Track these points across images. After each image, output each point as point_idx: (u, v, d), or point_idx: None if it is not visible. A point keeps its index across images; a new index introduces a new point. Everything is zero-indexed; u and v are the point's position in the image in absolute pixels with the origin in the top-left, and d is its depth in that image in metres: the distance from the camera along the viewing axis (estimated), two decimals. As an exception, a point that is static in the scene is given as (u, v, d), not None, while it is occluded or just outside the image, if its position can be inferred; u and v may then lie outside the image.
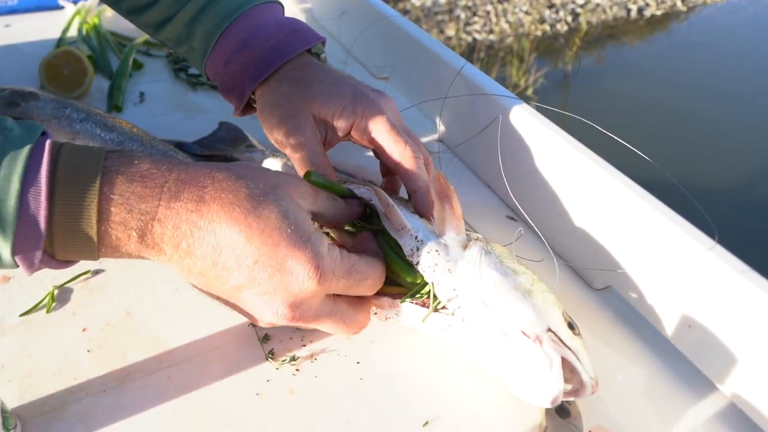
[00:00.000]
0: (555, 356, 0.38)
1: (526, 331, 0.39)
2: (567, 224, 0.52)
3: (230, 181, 0.38)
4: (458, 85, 0.63)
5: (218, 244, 0.37)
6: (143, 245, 0.36)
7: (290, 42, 0.53)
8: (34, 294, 0.50)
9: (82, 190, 0.34)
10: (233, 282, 0.37)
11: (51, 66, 0.76)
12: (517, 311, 0.40)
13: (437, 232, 0.45)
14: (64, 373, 0.44)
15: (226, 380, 0.43)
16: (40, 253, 0.34)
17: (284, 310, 0.38)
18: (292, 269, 0.37)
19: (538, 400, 0.38)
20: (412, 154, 0.48)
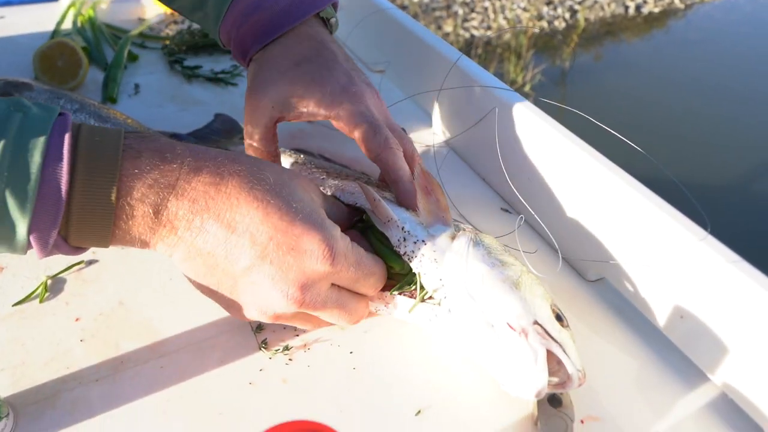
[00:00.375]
0: (540, 349, 0.38)
1: (512, 323, 0.39)
2: (561, 216, 0.52)
3: (248, 164, 0.38)
4: (454, 78, 0.63)
5: (234, 219, 0.37)
6: (157, 222, 0.36)
7: (299, 5, 0.52)
8: (27, 284, 0.50)
9: (104, 166, 0.34)
10: (244, 261, 0.37)
11: (45, 57, 0.76)
12: (503, 304, 0.40)
13: (424, 223, 0.45)
14: (57, 362, 0.44)
15: (219, 369, 0.43)
16: (56, 232, 0.34)
17: (295, 292, 0.38)
18: (306, 247, 0.37)
19: (523, 393, 0.38)
20: (390, 145, 0.48)
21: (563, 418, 0.39)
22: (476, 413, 0.41)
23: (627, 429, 0.40)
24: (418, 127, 0.72)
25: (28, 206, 0.32)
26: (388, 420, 0.40)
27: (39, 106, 0.35)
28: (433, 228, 0.44)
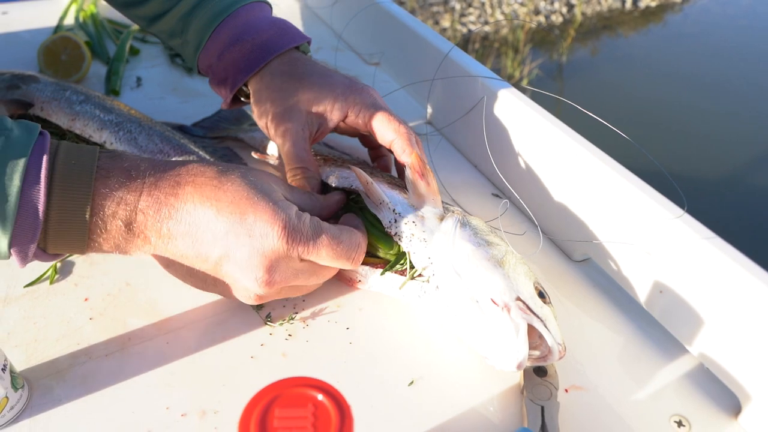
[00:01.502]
0: (521, 323, 0.40)
1: (495, 299, 0.41)
2: (548, 200, 0.54)
3: (202, 166, 0.41)
4: (446, 69, 0.65)
5: (194, 221, 0.39)
6: (130, 234, 0.39)
7: (280, 38, 0.55)
8: (37, 267, 0.52)
9: (78, 188, 0.37)
10: (213, 257, 0.40)
11: (49, 51, 0.78)
12: (487, 280, 0.42)
13: (414, 206, 0.47)
14: (68, 339, 0.46)
15: (221, 345, 0.46)
16: (34, 246, 0.37)
17: (263, 275, 0.40)
18: (261, 232, 0.39)
19: (505, 365, 0.40)
20: (405, 130, 0.50)
21: (548, 386, 0.42)
22: (466, 383, 0.43)
23: (609, 398, 0.43)
24: (412, 116, 0.74)
25: (9, 225, 0.35)
26: (384, 390, 0.43)
27: (20, 126, 0.37)
28: (422, 210, 0.46)
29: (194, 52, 0.58)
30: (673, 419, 0.42)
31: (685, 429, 0.41)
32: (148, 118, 0.65)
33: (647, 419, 0.42)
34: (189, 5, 0.57)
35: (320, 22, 0.98)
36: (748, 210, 2.27)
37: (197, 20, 0.57)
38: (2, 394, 0.39)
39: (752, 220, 2.22)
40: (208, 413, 0.41)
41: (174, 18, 0.58)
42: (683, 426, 0.41)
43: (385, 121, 0.52)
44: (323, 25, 0.97)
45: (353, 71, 0.84)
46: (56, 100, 0.63)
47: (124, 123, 0.62)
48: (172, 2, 0.58)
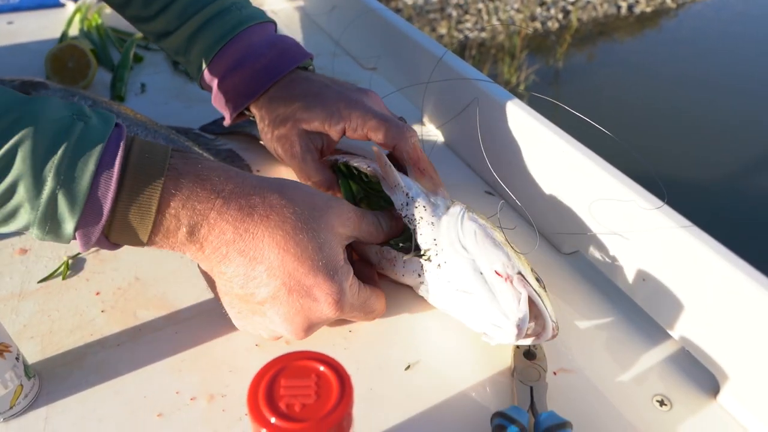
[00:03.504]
0: (523, 292, 0.42)
1: (499, 270, 0.44)
2: (539, 195, 0.57)
3: (279, 202, 0.41)
4: (440, 72, 0.68)
5: (255, 257, 0.40)
6: (189, 240, 0.40)
7: (279, 62, 0.58)
8: (50, 264, 0.55)
9: (149, 183, 0.38)
10: (259, 297, 0.41)
11: (56, 59, 0.81)
12: (492, 254, 0.45)
13: (427, 193, 0.50)
14: (81, 330, 0.48)
15: (228, 335, 0.48)
16: (99, 231, 0.38)
17: (299, 332, 0.42)
18: (317, 296, 0.41)
19: (505, 331, 0.42)
20: (405, 131, 0.53)
21: (537, 368, 0.44)
22: (460, 367, 0.46)
23: (595, 380, 0.45)
24: (408, 118, 0.76)
25: (78, 208, 0.36)
26: (382, 373, 0.45)
27: (98, 115, 0.38)
28: (434, 198, 0.49)
29: (197, 72, 0.61)
30: (655, 399, 0.44)
31: (666, 408, 0.43)
32: (153, 122, 0.68)
33: (631, 399, 0.44)
34: (195, 26, 0.60)
35: (318, 29, 1.01)
36: (728, 202, 2.36)
37: (201, 42, 0.59)
38: (17, 383, 0.41)
39: (732, 211, 2.30)
40: (216, 397, 0.43)
41: (180, 38, 0.61)
42: (665, 405, 0.44)
43: (381, 129, 0.54)
44: (321, 32, 1.00)
45: (350, 76, 0.86)
46: (66, 105, 0.65)
47: (132, 127, 0.64)
48: (180, 21, 0.61)
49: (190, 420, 0.42)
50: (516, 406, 0.40)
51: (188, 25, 0.60)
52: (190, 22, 0.60)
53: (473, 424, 0.42)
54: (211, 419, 0.42)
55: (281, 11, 1.08)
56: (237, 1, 0.61)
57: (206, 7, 0.60)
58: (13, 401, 0.41)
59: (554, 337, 0.43)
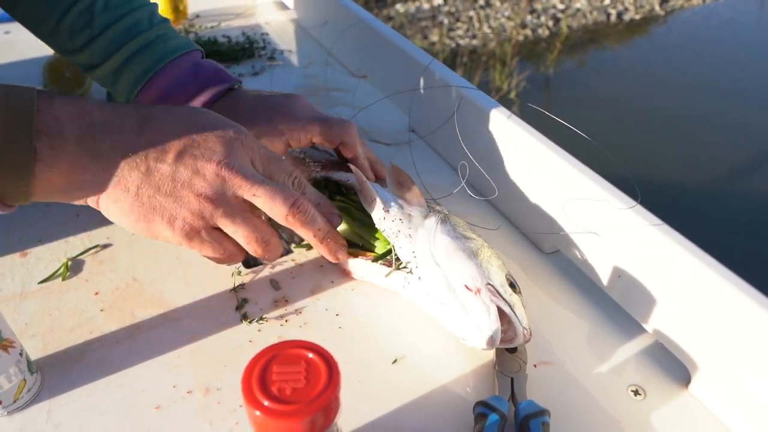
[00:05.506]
0: (491, 306, 0.44)
1: (468, 284, 0.46)
2: (521, 197, 0.59)
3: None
4: (427, 80, 0.70)
5: (163, 124, 0.43)
6: (82, 149, 0.40)
7: (203, 93, 0.59)
8: (50, 266, 0.56)
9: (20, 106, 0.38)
10: (172, 152, 0.42)
11: (53, 68, 0.83)
12: (461, 269, 0.47)
13: (403, 205, 0.52)
14: (81, 328, 0.50)
15: (222, 332, 0.50)
16: None
17: (221, 149, 0.43)
18: (219, 126, 0.44)
19: (478, 343, 0.45)
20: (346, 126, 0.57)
21: (517, 361, 0.46)
22: (445, 360, 0.48)
23: (573, 372, 0.47)
24: (397, 123, 0.79)
25: None
26: (371, 367, 0.47)
27: None
28: (409, 209, 0.51)
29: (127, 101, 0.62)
30: (630, 389, 0.46)
31: (641, 397, 0.46)
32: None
33: (607, 389, 0.46)
34: (120, 60, 0.60)
35: (311, 39, 1.04)
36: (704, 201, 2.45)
37: (126, 76, 0.60)
38: (21, 377, 0.43)
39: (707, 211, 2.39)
40: (212, 390, 0.45)
41: (106, 71, 0.61)
42: (639, 395, 0.46)
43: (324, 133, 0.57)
44: (314, 42, 1.03)
45: (342, 83, 0.89)
46: (64, 113, 0.67)
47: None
48: (105, 54, 0.60)
49: (187, 412, 0.44)
50: (497, 396, 0.43)
51: (114, 59, 0.60)
52: (115, 56, 0.59)
53: (457, 413, 0.44)
54: (207, 411, 0.44)
55: (275, 23, 1.10)
56: (162, 33, 0.61)
57: (131, 41, 0.59)
58: (17, 395, 0.43)
59: (527, 341, 0.46)
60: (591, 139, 0.57)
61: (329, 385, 0.30)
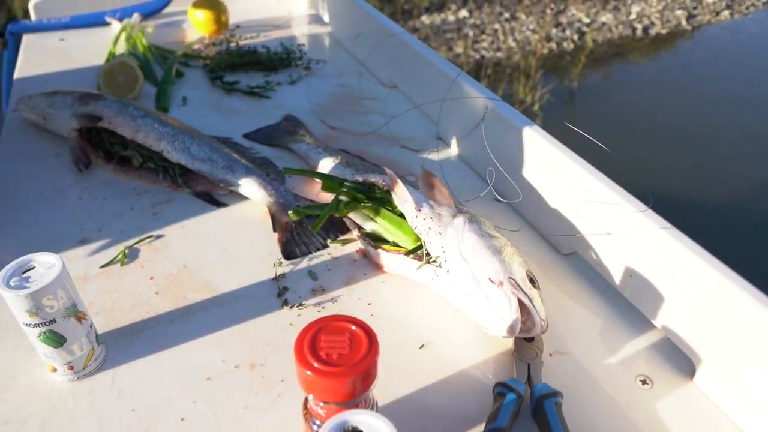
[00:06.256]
0: (512, 297, 0.49)
1: (492, 278, 0.50)
2: (540, 201, 0.64)
3: None
4: (454, 91, 0.75)
5: None
6: None
7: None
8: (109, 253, 0.62)
9: None
10: None
11: (108, 74, 0.89)
12: (486, 263, 0.51)
13: (433, 205, 0.57)
14: (139, 308, 0.56)
15: (265, 315, 0.55)
16: None
17: None
18: None
19: (499, 331, 0.49)
20: None
21: (534, 349, 0.51)
22: (468, 347, 0.52)
23: (586, 361, 0.52)
24: (425, 132, 0.84)
25: None
26: (400, 351, 0.52)
27: None
28: (439, 209, 0.56)
29: None
30: (638, 379, 0.50)
31: (648, 386, 0.50)
32: (197, 131, 0.76)
33: (616, 378, 0.50)
34: None
35: (345, 51, 1.09)
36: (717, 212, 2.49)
37: None
38: (90, 347, 0.49)
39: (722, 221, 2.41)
40: (256, 366, 0.50)
41: None
42: (647, 384, 0.50)
43: None
44: (347, 53, 1.08)
45: (373, 93, 0.94)
46: (121, 114, 0.74)
47: (179, 135, 0.72)
48: None
49: (235, 384, 0.49)
50: (515, 378, 0.47)
51: None
52: None
53: (478, 393, 0.48)
54: (253, 384, 0.49)
55: (311, 35, 1.17)
56: None
57: None
58: (86, 362, 0.49)
59: (544, 332, 0.50)
60: (607, 148, 0.61)
61: (369, 352, 0.35)
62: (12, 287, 0.44)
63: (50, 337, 0.46)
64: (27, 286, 0.44)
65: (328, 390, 0.34)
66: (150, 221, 0.67)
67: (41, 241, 0.63)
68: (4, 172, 0.75)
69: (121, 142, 0.74)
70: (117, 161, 0.74)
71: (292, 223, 0.64)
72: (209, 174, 0.69)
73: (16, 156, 0.79)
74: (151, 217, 0.67)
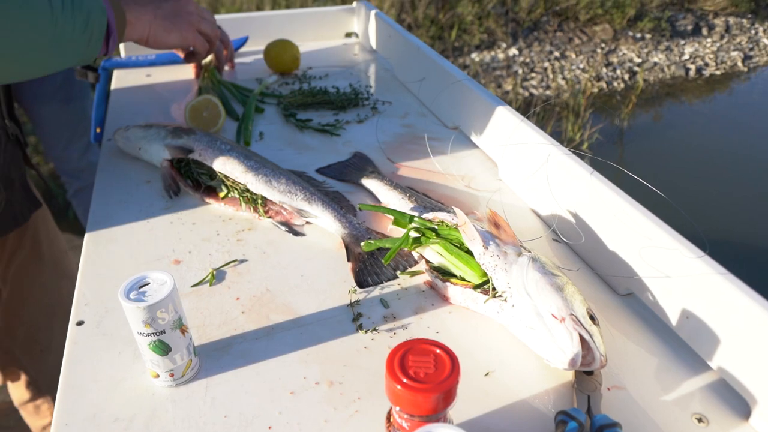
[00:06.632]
0: (574, 333, 0.53)
1: (555, 313, 0.54)
2: (599, 243, 0.67)
3: None
4: (517, 134, 0.80)
5: None
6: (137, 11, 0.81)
7: None
8: (198, 273, 0.69)
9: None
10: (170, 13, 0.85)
11: (194, 109, 0.98)
12: (549, 300, 0.55)
13: (500, 243, 0.61)
14: (227, 325, 0.62)
15: (342, 338, 0.60)
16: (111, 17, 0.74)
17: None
18: None
19: (561, 363, 0.53)
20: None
21: (593, 382, 0.54)
22: (530, 377, 0.56)
23: (642, 397, 0.55)
24: (486, 173, 0.89)
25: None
26: (467, 378, 0.56)
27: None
28: (504, 247, 0.61)
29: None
30: (694, 416, 0.53)
31: (704, 425, 0.52)
32: (276, 165, 0.82)
33: (673, 415, 0.53)
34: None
35: (408, 93, 1.16)
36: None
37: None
38: (189, 357, 0.55)
39: None
40: (335, 383, 0.55)
41: None
42: (702, 422, 0.52)
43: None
44: (411, 96, 1.15)
45: (436, 133, 1.00)
46: (210, 147, 0.81)
47: (261, 168, 0.79)
48: None
49: (316, 398, 0.54)
50: (576, 408, 0.50)
51: None
52: None
53: (539, 420, 0.52)
54: (332, 399, 0.54)
55: (379, 78, 1.24)
56: None
57: None
58: (185, 371, 0.55)
59: (603, 366, 0.53)
60: (664, 195, 0.65)
61: (452, 373, 0.39)
62: (132, 299, 0.50)
63: (158, 345, 0.52)
64: (145, 300, 0.50)
65: (415, 404, 0.39)
66: (234, 246, 0.73)
67: (140, 259, 0.70)
68: (104, 196, 0.83)
69: (208, 172, 0.82)
70: (204, 190, 0.81)
71: (364, 253, 0.69)
72: (289, 205, 0.75)
73: (112, 182, 0.87)
74: (236, 243, 0.73)
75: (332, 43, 1.44)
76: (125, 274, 0.68)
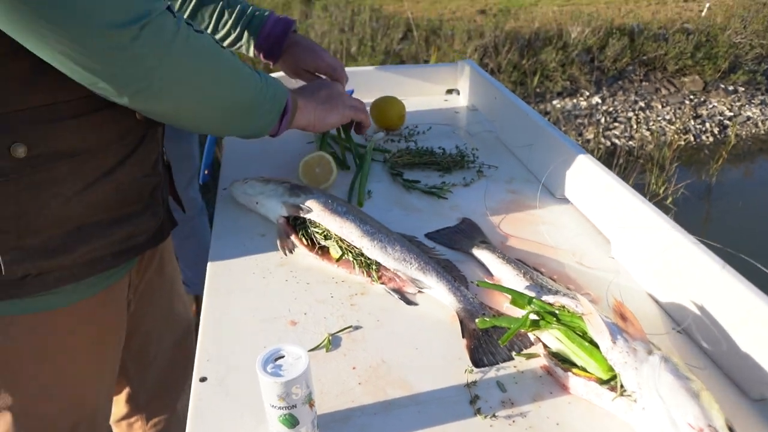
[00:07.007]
0: None
1: (691, 423, 0.52)
2: (728, 340, 0.64)
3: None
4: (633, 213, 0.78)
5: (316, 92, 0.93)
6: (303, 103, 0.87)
7: (284, 32, 1.07)
8: (314, 337, 0.70)
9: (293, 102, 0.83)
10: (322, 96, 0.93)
11: (307, 165, 1.01)
12: (685, 406, 0.53)
13: (629, 339, 0.60)
14: (345, 396, 0.62)
15: (460, 421, 0.60)
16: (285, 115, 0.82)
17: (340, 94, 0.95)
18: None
19: None
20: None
21: (732, 501, 0.51)
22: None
23: None
24: (598, 249, 0.87)
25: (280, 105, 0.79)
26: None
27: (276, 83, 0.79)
28: (633, 343, 0.59)
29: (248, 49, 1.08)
30: None
31: None
32: (390, 230, 0.84)
33: None
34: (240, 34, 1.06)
35: (513, 157, 1.16)
36: None
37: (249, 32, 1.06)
38: (313, 430, 0.56)
39: None
40: (455, 471, 0.55)
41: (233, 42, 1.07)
42: None
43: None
44: (516, 160, 1.15)
45: (544, 202, 0.99)
46: (328, 209, 0.84)
47: (377, 233, 0.81)
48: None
49: (436, 486, 0.53)
50: None
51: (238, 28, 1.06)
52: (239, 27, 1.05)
53: None
54: (453, 489, 0.53)
55: (482, 139, 1.25)
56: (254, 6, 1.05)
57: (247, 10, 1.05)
58: (309, 444, 0.55)
59: None
60: None
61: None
62: (269, 373, 0.52)
63: (288, 419, 0.53)
64: (282, 375, 0.52)
65: None
66: (348, 310, 0.74)
67: (258, 317, 0.73)
68: (220, 247, 0.87)
69: (322, 231, 0.84)
70: (317, 249, 0.84)
71: (479, 330, 0.69)
72: (403, 273, 0.76)
73: (228, 232, 0.91)
74: (350, 307, 0.75)
75: (434, 98, 1.47)
76: (245, 332, 0.71)
